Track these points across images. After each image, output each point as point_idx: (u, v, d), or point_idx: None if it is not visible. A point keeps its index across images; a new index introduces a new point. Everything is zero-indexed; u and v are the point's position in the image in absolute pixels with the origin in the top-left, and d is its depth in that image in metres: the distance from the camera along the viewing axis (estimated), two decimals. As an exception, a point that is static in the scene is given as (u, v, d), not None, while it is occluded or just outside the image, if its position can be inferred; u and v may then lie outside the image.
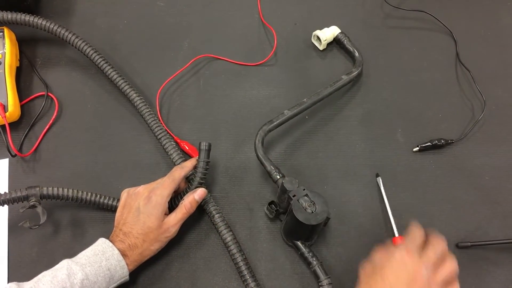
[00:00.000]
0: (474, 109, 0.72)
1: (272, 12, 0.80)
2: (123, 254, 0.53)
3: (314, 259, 0.57)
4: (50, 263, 0.52)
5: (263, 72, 0.75)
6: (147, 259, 0.56)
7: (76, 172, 0.66)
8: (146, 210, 0.55)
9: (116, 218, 0.57)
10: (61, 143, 0.68)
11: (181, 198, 0.59)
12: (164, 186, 0.57)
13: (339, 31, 0.76)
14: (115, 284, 0.53)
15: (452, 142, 0.68)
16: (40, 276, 0.50)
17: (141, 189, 0.58)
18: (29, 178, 0.65)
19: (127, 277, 0.54)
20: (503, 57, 0.77)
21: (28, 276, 0.50)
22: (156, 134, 0.66)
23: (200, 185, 0.60)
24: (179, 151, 0.64)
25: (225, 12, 0.81)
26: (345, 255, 0.61)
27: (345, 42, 0.75)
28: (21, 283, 0.50)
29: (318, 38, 0.76)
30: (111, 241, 0.54)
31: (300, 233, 0.58)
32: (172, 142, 0.65)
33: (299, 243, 0.59)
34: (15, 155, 0.65)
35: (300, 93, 0.71)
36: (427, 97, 0.73)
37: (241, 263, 0.57)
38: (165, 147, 0.65)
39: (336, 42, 0.77)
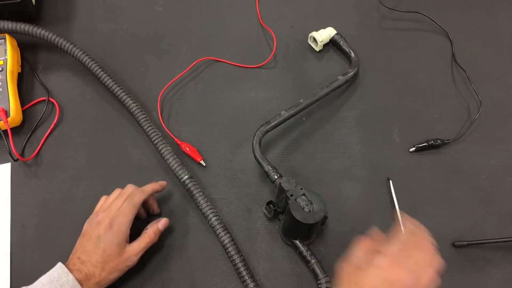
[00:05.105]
0: (470, 109, 0.72)
1: (268, 15, 0.81)
2: (79, 283, 0.52)
3: (312, 257, 0.58)
4: (51, 266, 0.53)
5: (260, 74, 0.76)
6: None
7: (77, 176, 0.67)
8: (106, 238, 0.54)
9: (75, 246, 0.56)
10: (62, 147, 0.69)
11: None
12: (124, 213, 0.56)
13: (335, 32, 0.77)
14: None
15: (449, 142, 0.69)
16: None
17: (102, 217, 0.56)
18: (31, 182, 0.66)
19: None
20: (499, 57, 0.78)
21: (30, 280, 0.51)
22: (152, 140, 0.66)
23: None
24: (175, 156, 0.65)
25: (223, 16, 0.82)
26: (343, 255, 0.61)
27: (341, 43, 0.76)
28: None
29: (315, 40, 0.76)
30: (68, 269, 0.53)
31: (298, 232, 0.59)
32: (168, 147, 0.65)
33: (297, 242, 0.60)
34: (17, 159, 0.66)
35: (297, 95, 0.71)
36: (423, 97, 0.74)
37: (239, 264, 0.58)
38: (161, 152, 0.65)
39: (332, 43, 0.78)
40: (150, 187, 0.60)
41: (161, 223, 0.59)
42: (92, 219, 0.57)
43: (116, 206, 0.57)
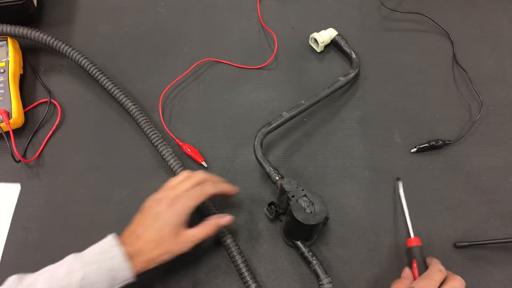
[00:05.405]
0: (471, 110, 0.72)
1: (269, 16, 0.81)
2: (130, 258, 0.50)
3: (314, 258, 0.58)
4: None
5: (262, 75, 0.76)
6: (153, 266, 0.52)
7: (79, 177, 0.67)
8: (165, 216, 0.52)
9: (133, 219, 0.54)
10: (64, 149, 0.69)
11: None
12: (192, 197, 0.54)
13: (336, 33, 0.77)
14: (118, 286, 0.50)
15: (450, 143, 0.69)
16: (42, 271, 0.49)
17: (165, 194, 0.54)
18: (33, 184, 0.66)
19: (132, 279, 0.51)
20: (500, 57, 0.78)
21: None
22: (152, 141, 0.66)
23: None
24: (176, 157, 0.65)
25: (224, 17, 0.82)
26: (344, 256, 0.62)
27: (342, 44, 0.76)
28: (24, 275, 0.49)
29: (316, 41, 0.77)
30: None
31: (300, 233, 0.59)
32: (169, 149, 0.65)
33: (299, 243, 0.60)
34: (19, 161, 0.66)
35: (299, 96, 0.72)
36: (424, 98, 0.74)
37: (241, 265, 0.58)
38: (162, 153, 0.65)
39: (333, 44, 0.78)
40: (225, 186, 0.59)
41: (225, 219, 0.56)
42: (155, 196, 0.55)
43: (183, 188, 0.55)
